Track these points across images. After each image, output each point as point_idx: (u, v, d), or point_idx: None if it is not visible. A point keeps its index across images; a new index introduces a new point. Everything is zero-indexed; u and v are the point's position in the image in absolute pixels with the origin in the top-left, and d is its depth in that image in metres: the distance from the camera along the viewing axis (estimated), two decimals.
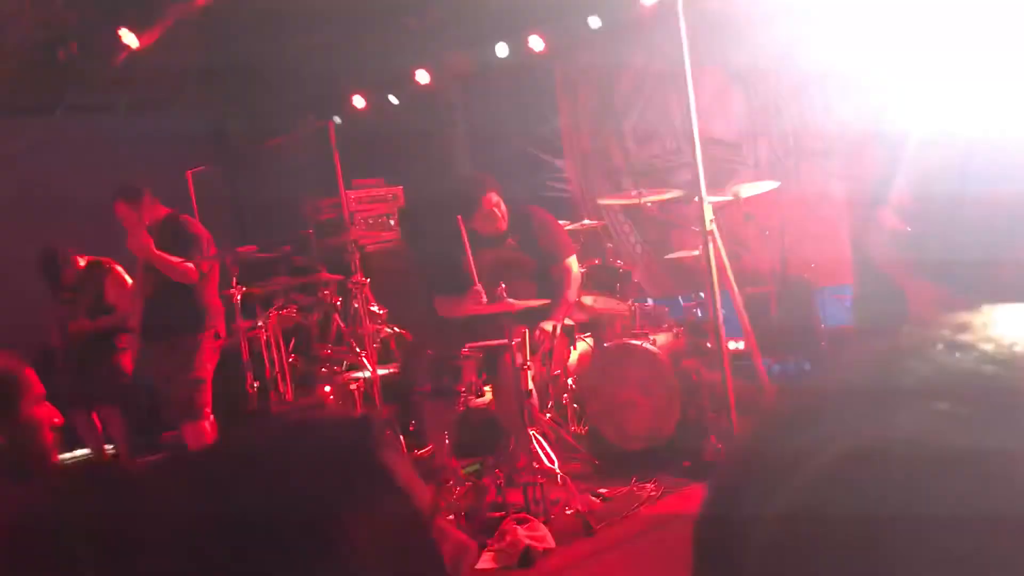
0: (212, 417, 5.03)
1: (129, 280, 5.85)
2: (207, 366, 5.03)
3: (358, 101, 7.98)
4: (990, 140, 2.93)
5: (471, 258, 4.70)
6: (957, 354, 0.40)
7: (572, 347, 5.29)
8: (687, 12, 6.72)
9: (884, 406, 0.38)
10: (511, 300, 4.09)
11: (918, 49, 2.67)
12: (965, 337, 0.40)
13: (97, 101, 8.58)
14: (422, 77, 7.59)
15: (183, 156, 8.29)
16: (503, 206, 4.82)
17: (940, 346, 0.39)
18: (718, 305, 4.02)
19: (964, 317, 0.41)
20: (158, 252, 4.95)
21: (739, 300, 4.70)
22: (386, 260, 6.74)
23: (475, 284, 4.48)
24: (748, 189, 5.40)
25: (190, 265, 4.91)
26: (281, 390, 4.87)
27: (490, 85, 8.81)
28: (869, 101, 6.04)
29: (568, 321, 5.05)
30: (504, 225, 4.82)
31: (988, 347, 0.39)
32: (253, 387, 4.98)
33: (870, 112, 5.98)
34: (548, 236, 4.86)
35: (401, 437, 4.55)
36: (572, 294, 4.86)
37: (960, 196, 2.24)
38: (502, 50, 7.12)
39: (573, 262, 4.93)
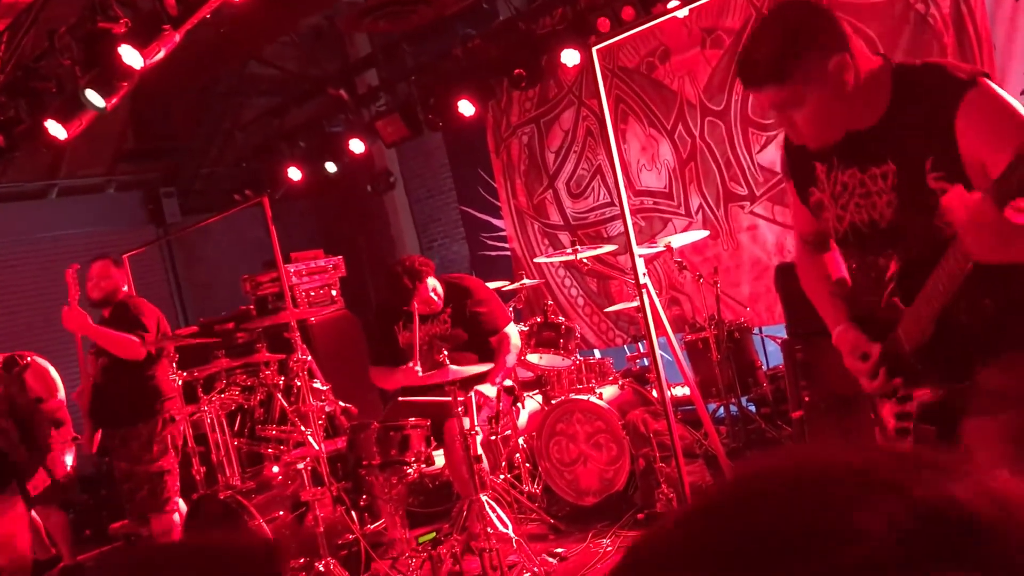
0: (178, 505, 4.90)
1: (52, 371, 5.77)
2: (168, 453, 4.88)
3: (293, 173, 8.01)
4: None
5: (409, 335, 4.74)
6: None
7: (520, 406, 5.32)
8: (609, 71, 6.95)
9: None
10: (453, 367, 4.11)
11: None
12: None
13: (27, 190, 8.49)
14: (356, 146, 7.66)
15: (117, 240, 8.23)
16: (439, 288, 4.87)
17: None
18: (657, 355, 4.09)
19: None
20: (95, 326, 4.88)
21: (677, 348, 4.79)
22: (330, 333, 6.72)
23: (413, 361, 4.52)
24: (679, 239, 5.53)
25: (133, 338, 4.78)
26: (228, 473, 4.79)
27: (424, 148, 8.94)
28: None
29: (508, 383, 5.09)
30: (440, 305, 4.89)
31: None
32: (200, 472, 4.90)
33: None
34: (484, 307, 4.94)
35: (353, 513, 4.50)
36: (511, 359, 4.90)
37: None
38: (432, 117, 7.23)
39: (512, 330, 4.98)
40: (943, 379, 2.00)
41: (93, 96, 4.84)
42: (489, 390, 4.69)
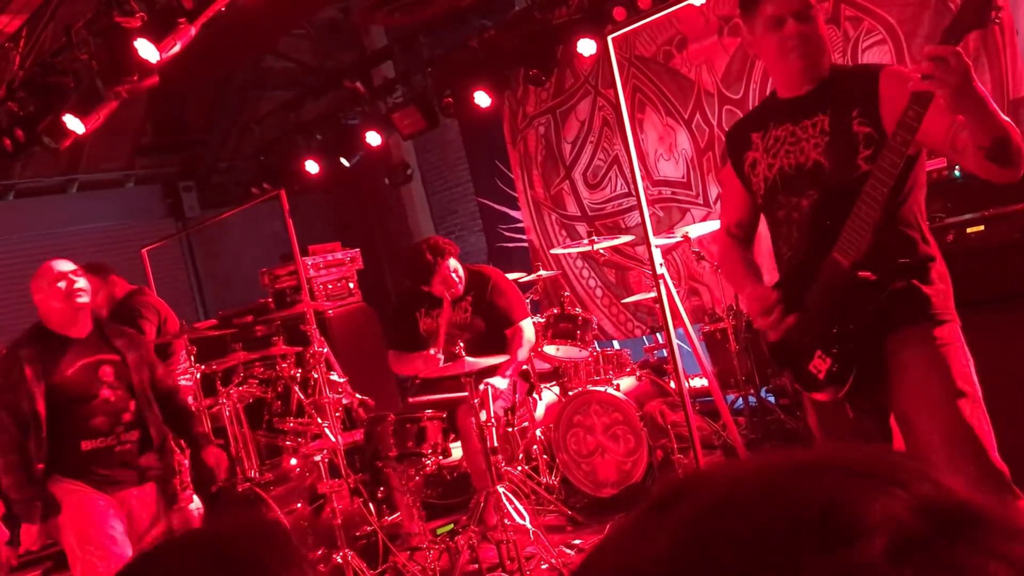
0: (194, 501, 4.87)
1: None
2: (173, 451, 4.88)
3: (311, 166, 8.03)
4: None
5: (430, 322, 4.74)
6: None
7: (537, 397, 5.31)
8: (626, 60, 6.90)
9: None
10: (469, 359, 4.10)
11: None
12: None
13: (47, 184, 8.56)
14: (373, 139, 7.66)
15: (137, 233, 8.29)
16: (460, 271, 4.84)
17: None
18: (675, 345, 4.07)
19: None
20: None
21: (695, 338, 4.76)
22: (347, 325, 6.73)
23: (436, 347, 4.52)
24: (696, 229, 5.49)
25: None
26: (246, 466, 4.81)
27: (441, 140, 8.93)
28: None
29: (508, 379, 5.06)
30: (461, 289, 4.85)
31: None
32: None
33: None
34: (503, 298, 4.89)
35: (371, 505, 4.51)
36: (523, 353, 4.85)
37: None
38: (450, 108, 7.22)
39: (527, 324, 4.93)
40: (880, 287, 2.25)
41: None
42: (500, 382, 4.67)
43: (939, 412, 2.20)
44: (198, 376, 4.85)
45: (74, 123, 5.25)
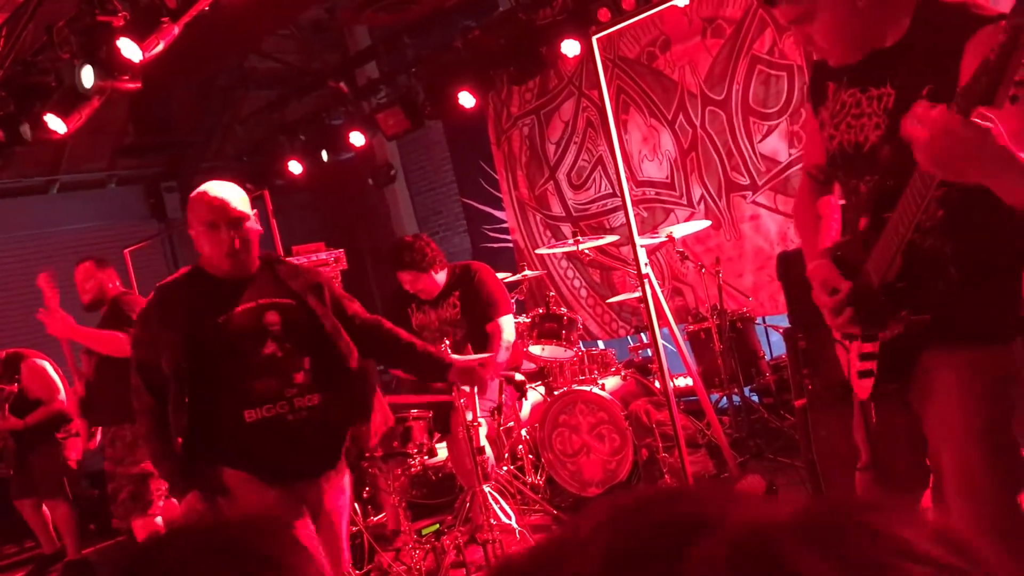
0: (162, 506, 4.80)
1: (49, 368, 5.77)
2: None
3: (294, 167, 8.00)
4: None
5: (423, 317, 4.72)
6: None
7: (524, 398, 5.32)
8: (610, 61, 6.93)
9: None
10: (456, 357, 4.10)
11: None
12: None
13: (28, 185, 8.49)
14: (356, 139, 7.65)
15: (119, 234, 8.24)
16: (421, 282, 4.68)
17: None
18: (659, 345, 4.09)
19: None
20: (78, 328, 4.81)
21: (680, 338, 4.78)
22: None
23: (447, 340, 4.49)
24: (681, 229, 5.51)
25: (119, 335, 4.62)
26: None
27: (425, 141, 8.93)
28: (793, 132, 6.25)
29: (519, 376, 5.07)
30: (432, 295, 4.75)
31: None
32: None
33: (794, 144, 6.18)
34: (485, 291, 4.78)
35: (356, 505, 4.50)
36: (503, 355, 4.65)
37: None
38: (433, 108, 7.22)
39: (507, 322, 4.76)
40: (906, 313, 1.97)
41: (86, 76, 4.78)
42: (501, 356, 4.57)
43: (957, 448, 1.95)
44: None
45: (56, 123, 5.21)
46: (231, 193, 2.93)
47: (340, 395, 2.96)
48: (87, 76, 4.79)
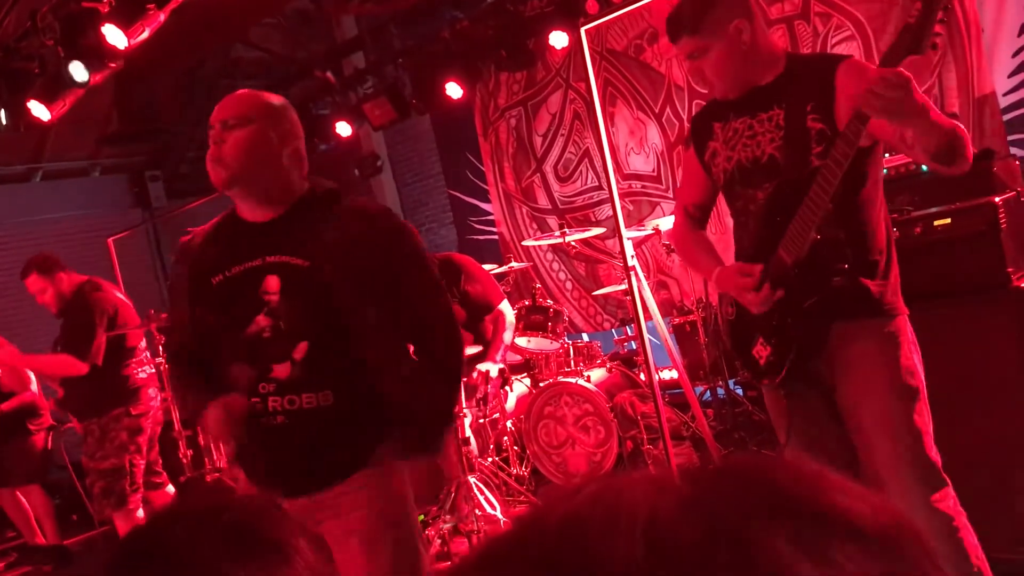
0: (140, 499, 4.78)
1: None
2: (125, 450, 4.72)
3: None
4: None
5: None
6: None
7: (509, 389, 5.32)
8: (597, 53, 6.92)
9: None
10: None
11: None
12: None
13: (10, 173, 8.42)
14: (343, 129, 7.62)
15: (102, 223, 8.18)
16: None
17: None
18: (645, 338, 4.10)
19: None
20: (25, 358, 4.75)
21: (665, 331, 4.79)
22: None
23: None
24: (667, 222, 5.52)
25: (67, 359, 4.56)
26: (215, 457, 4.78)
27: (412, 132, 8.90)
28: None
29: (500, 364, 5.07)
30: None
31: None
32: (187, 455, 4.88)
33: None
34: (478, 284, 4.83)
35: None
36: (508, 336, 4.83)
37: None
38: (420, 101, 7.20)
39: (506, 306, 4.91)
40: (818, 286, 2.30)
41: (77, 70, 4.75)
42: (492, 368, 4.66)
43: (881, 406, 2.29)
44: (165, 367, 4.80)
45: (39, 110, 5.17)
46: (246, 93, 2.32)
47: (349, 393, 2.19)
48: (77, 70, 4.74)
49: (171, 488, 5.02)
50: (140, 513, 4.78)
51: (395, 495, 2.23)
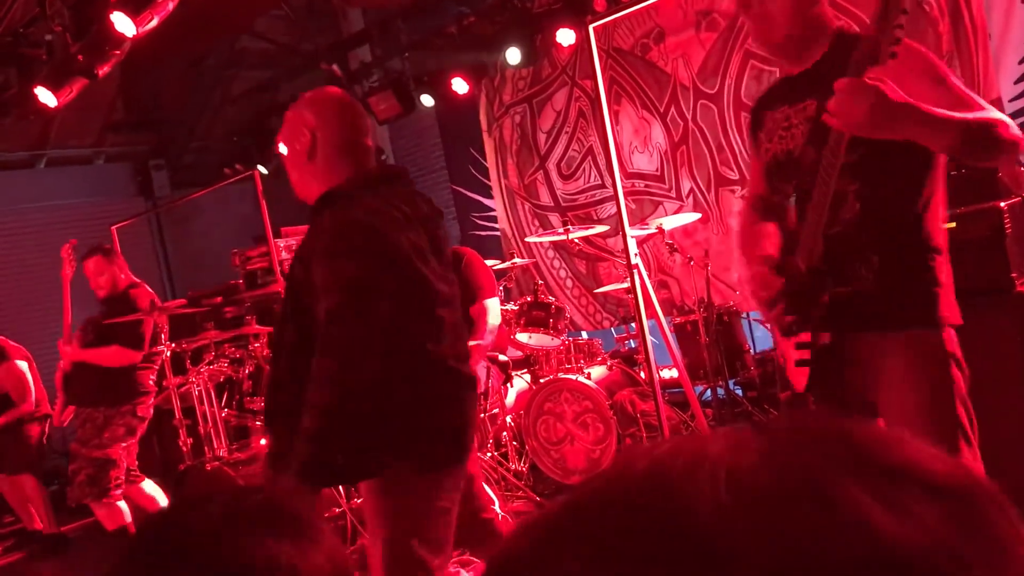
0: (120, 494, 4.81)
1: (26, 370, 5.79)
2: (118, 444, 4.79)
3: (284, 148, 7.95)
4: None
5: None
6: None
7: (509, 385, 5.33)
8: (603, 51, 6.93)
9: None
10: None
11: None
12: None
13: (15, 159, 8.42)
14: None
15: (105, 211, 8.19)
16: None
17: None
18: (647, 336, 4.11)
19: None
20: (84, 352, 4.82)
21: (667, 329, 4.80)
22: None
23: None
24: (670, 221, 5.53)
25: (124, 350, 4.74)
26: (215, 446, 4.79)
27: (416, 126, 8.90)
28: None
29: (502, 357, 5.07)
30: None
31: None
32: (187, 444, 4.89)
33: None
34: (470, 273, 4.74)
35: (340, 487, 4.51)
36: (486, 337, 4.59)
37: None
38: (427, 100, 7.20)
39: (492, 304, 4.71)
40: (830, 290, 2.16)
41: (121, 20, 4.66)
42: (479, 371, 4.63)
43: (909, 423, 2.09)
44: (167, 354, 4.82)
45: (46, 96, 5.17)
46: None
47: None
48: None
49: (147, 483, 5.05)
50: (122, 504, 4.80)
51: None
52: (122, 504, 4.80)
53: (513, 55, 6.60)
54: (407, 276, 2.13)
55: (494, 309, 4.70)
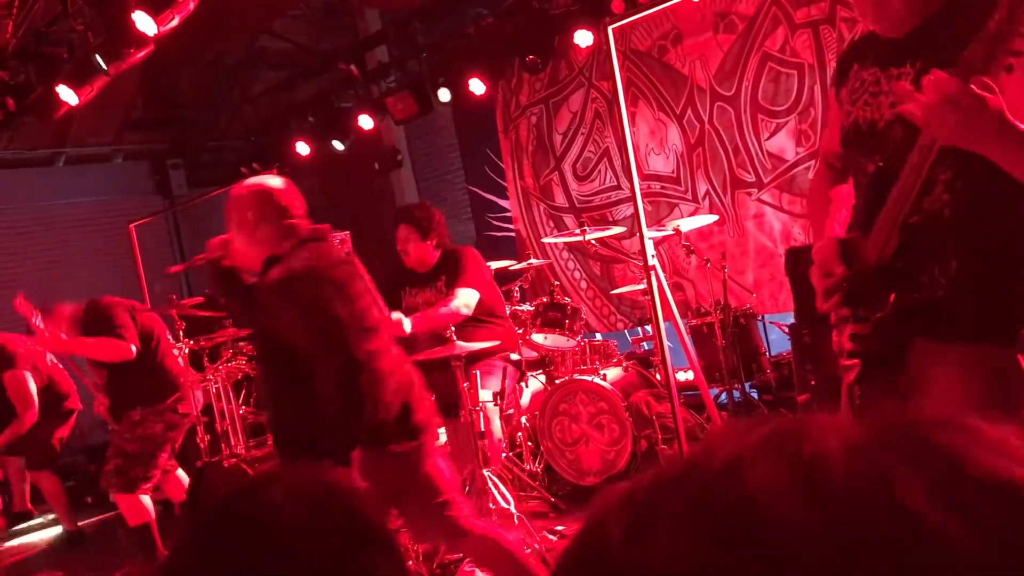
0: (149, 488, 4.78)
1: (30, 381, 5.76)
2: (154, 441, 4.71)
3: (302, 148, 8.00)
4: None
5: (413, 299, 4.69)
6: None
7: (524, 385, 5.33)
8: (621, 53, 6.93)
9: None
10: (460, 344, 4.12)
11: None
12: None
13: (34, 156, 8.49)
14: (365, 122, 7.65)
15: (123, 209, 8.24)
16: (413, 244, 4.59)
17: None
18: (663, 338, 4.10)
19: None
20: (71, 341, 4.66)
21: (683, 332, 4.80)
22: None
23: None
24: (687, 223, 5.53)
25: (115, 340, 4.58)
26: (233, 443, 4.81)
27: (433, 127, 8.93)
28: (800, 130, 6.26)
29: (515, 356, 5.04)
30: (411, 260, 4.69)
31: None
32: (204, 440, 4.91)
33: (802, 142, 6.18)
34: (459, 264, 4.60)
35: None
36: (443, 311, 4.38)
37: None
38: (444, 95, 7.22)
39: (467, 294, 4.49)
40: (897, 293, 1.94)
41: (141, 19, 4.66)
42: (403, 319, 4.24)
43: None
44: (186, 352, 4.84)
45: (67, 94, 5.21)
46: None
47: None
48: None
49: (181, 473, 5.03)
50: (146, 500, 4.75)
51: None
52: (147, 500, 4.76)
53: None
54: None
55: (465, 297, 4.50)
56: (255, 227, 2.95)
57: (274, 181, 3.08)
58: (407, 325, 4.24)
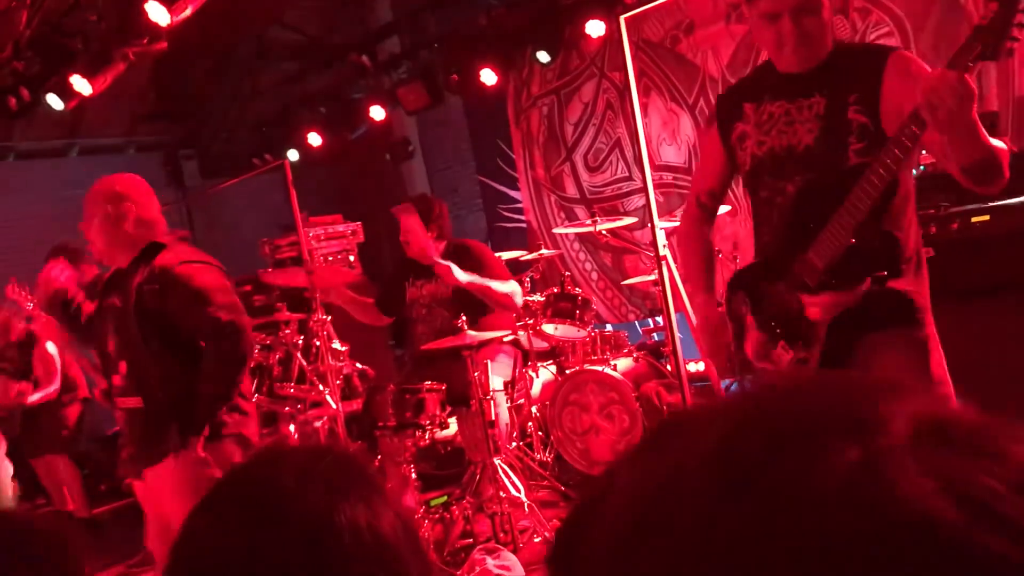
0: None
1: (55, 354, 5.84)
2: None
3: (313, 138, 8.02)
4: None
5: (416, 291, 4.70)
6: None
7: (535, 375, 5.35)
8: (633, 43, 6.91)
9: None
10: (471, 333, 4.13)
11: None
12: None
13: (48, 147, 8.53)
14: (376, 113, 7.66)
15: None
16: (415, 233, 4.54)
17: None
18: (675, 328, 4.10)
19: None
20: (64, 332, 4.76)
21: (695, 322, 4.79)
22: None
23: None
24: None
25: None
26: None
27: (444, 118, 8.92)
28: None
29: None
30: (412, 251, 4.67)
31: None
32: None
33: None
34: (484, 260, 4.62)
35: None
36: (499, 286, 4.47)
37: None
38: (455, 84, 7.22)
39: (516, 286, 4.61)
40: (849, 285, 2.21)
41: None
42: (456, 270, 4.34)
43: None
44: None
45: (81, 84, 5.24)
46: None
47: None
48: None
49: None
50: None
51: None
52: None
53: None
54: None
55: (510, 288, 4.56)
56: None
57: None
58: (459, 274, 4.29)
